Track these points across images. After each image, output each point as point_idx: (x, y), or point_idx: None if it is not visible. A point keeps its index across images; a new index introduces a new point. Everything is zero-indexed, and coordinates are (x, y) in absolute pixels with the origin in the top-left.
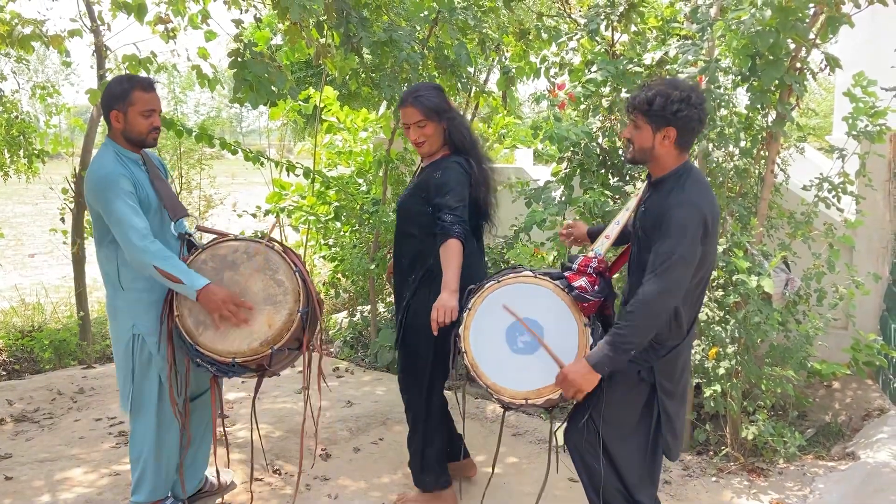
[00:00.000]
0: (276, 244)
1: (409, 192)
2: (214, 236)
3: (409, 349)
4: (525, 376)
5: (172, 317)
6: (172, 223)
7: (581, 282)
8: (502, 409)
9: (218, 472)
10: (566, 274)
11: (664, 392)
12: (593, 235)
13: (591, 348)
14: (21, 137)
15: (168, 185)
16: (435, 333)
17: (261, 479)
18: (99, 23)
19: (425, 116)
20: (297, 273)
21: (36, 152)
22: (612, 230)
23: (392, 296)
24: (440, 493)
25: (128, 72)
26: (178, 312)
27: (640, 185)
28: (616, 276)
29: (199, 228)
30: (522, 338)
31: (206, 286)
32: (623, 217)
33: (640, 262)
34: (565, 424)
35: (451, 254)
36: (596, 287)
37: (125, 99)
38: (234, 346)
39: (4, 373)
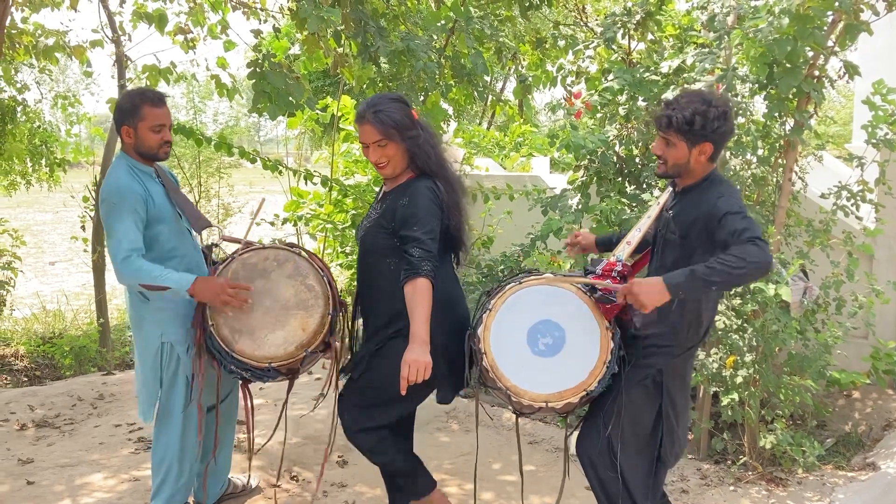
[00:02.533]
0: (302, 251)
1: (372, 223)
2: (241, 245)
3: (371, 389)
4: (546, 379)
5: (205, 326)
6: (198, 235)
7: (606, 283)
8: (516, 416)
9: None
10: (589, 277)
11: (669, 398)
12: (601, 244)
13: (612, 352)
14: (43, 146)
15: (186, 197)
16: (403, 393)
17: (279, 486)
18: (120, 33)
19: (385, 136)
20: (324, 278)
21: (57, 161)
22: (634, 236)
23: None
24: (426, 498)
25: (147, 81)
26: (212, 322)
27: (660, 194)
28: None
29: (224, 239)
30: (544, 340)
31: (194, 281)
32: (645, 224)
33: (665, 264)
34: (577, 433)
35: (419, 296)
36: None
37: (135, 115)
38: (271, 352)
39: (26, 379)
